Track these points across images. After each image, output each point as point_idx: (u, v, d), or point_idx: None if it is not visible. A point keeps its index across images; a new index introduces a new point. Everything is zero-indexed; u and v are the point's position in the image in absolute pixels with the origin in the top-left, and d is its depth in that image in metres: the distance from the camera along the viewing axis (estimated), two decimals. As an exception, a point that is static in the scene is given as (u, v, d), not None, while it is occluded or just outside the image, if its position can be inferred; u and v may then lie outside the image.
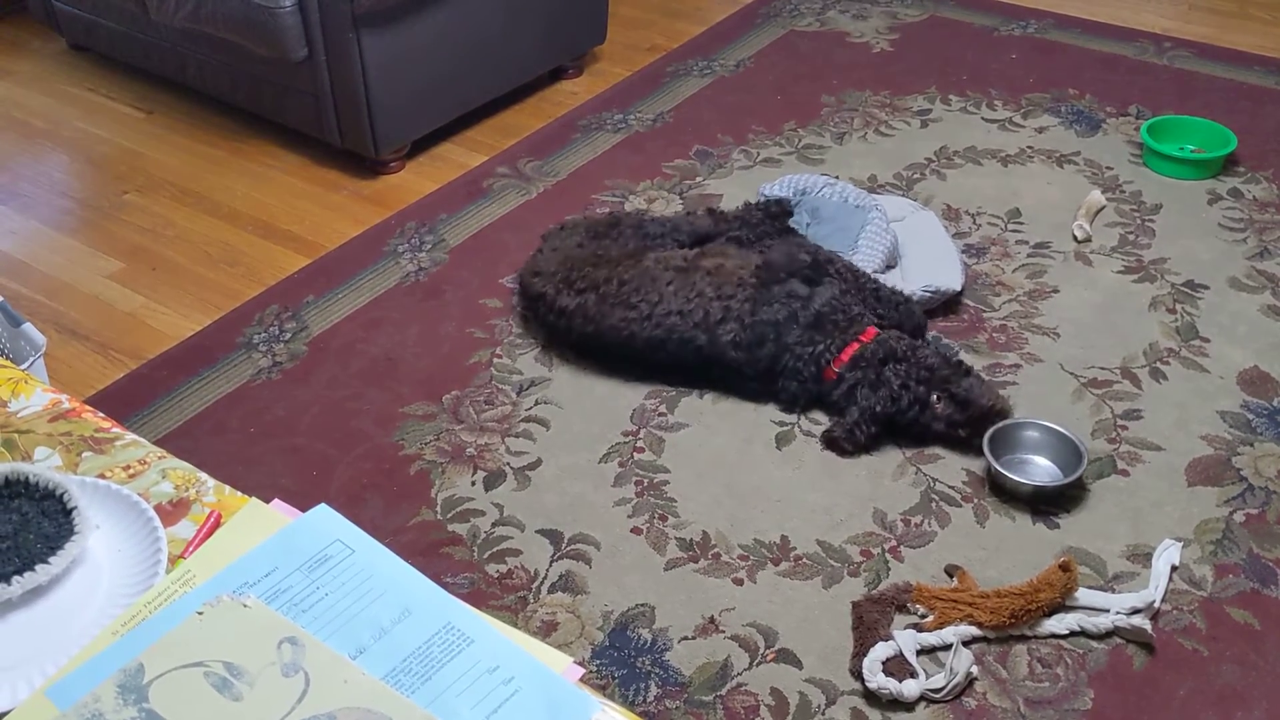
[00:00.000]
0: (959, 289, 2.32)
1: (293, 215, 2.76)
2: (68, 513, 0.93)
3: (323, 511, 0.93)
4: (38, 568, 0.89)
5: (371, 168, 2.91)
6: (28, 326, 1.97)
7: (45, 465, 1.01)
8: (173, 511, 0.97)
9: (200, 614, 0.84)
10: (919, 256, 2.39)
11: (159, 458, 1.02)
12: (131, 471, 1.01)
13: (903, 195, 2.69)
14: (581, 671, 0.81)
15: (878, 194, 2.63)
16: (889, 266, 2.37)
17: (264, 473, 2.01)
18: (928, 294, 2.28)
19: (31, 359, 1.94)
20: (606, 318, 2.14)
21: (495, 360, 2.27)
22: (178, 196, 2.85)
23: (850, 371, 2.05)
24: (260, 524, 0.93)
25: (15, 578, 0.88)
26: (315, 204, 2.81)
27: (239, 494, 0.98)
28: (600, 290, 2.16)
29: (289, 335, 2.34)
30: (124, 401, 2.17)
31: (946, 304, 2.34)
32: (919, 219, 2.51)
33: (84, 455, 1.02)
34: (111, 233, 2.72)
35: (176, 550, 0.93)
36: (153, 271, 2.58)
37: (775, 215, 2.41)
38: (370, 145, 2.82)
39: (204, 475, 1.00)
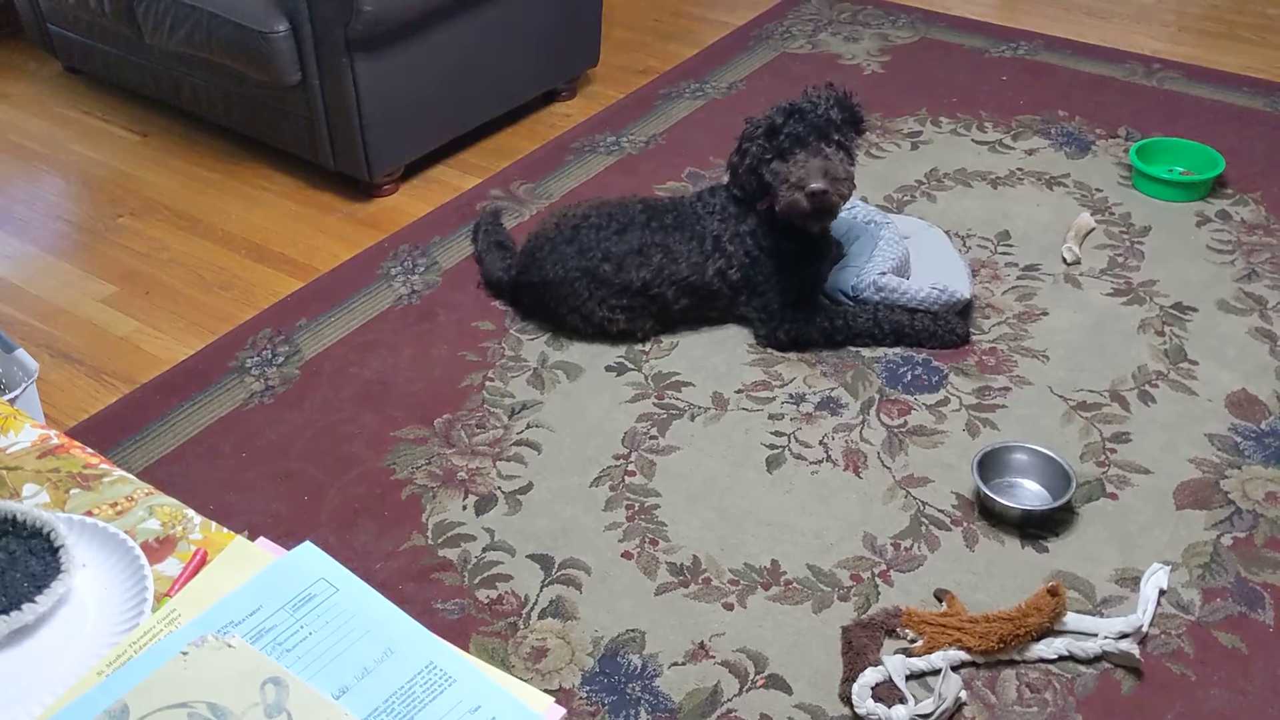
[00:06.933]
0: (968, 297, 2.36)
1: (286, 238, 2.78)
2: (54, 551, 0.94)
3: (307, 549, 0.94)
4: (24, 607, 0.90)
5: (365, 190, 2.92)
6: (20, 352, 1.97)
7: (33, 502, 1.02)
8: (159, 549, 0.97)
9: (185, 654, 0.84)
10: (928, 269, 2.44)
11: (146, 494, 1.03)
12: (119, 508, 1.01)
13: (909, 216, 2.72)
14: (563, 712, 0.82)
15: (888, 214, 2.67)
16: (900, 274, 2.42)
17: (255, 498, 2.02)
18: (935, 291, 2.33)
19: (24, 385, 1.95)
20: (594, 235, 2.34)
21: (487, 383, 2.28)
22: (172, 220, 2.86)
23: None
24: (245, 562, 0.94)
25: (1, 617, 0.89)
26: (309, 227, 2.82)
27: (225, 530, 0.99)
28: (592, 220, 2.37)
29: (281, 359, 2.35)
30: (117, 426, 2.18)
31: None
32: (928, 236, 2.55)
33: (72, 492, 1.03)
34: (106, 256, 2.73)
35: (162, 588, 0.93)
36: (146, 295, 2.59)
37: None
38: (364, 168, 2.83)
39: (190, 512, 1.01)
